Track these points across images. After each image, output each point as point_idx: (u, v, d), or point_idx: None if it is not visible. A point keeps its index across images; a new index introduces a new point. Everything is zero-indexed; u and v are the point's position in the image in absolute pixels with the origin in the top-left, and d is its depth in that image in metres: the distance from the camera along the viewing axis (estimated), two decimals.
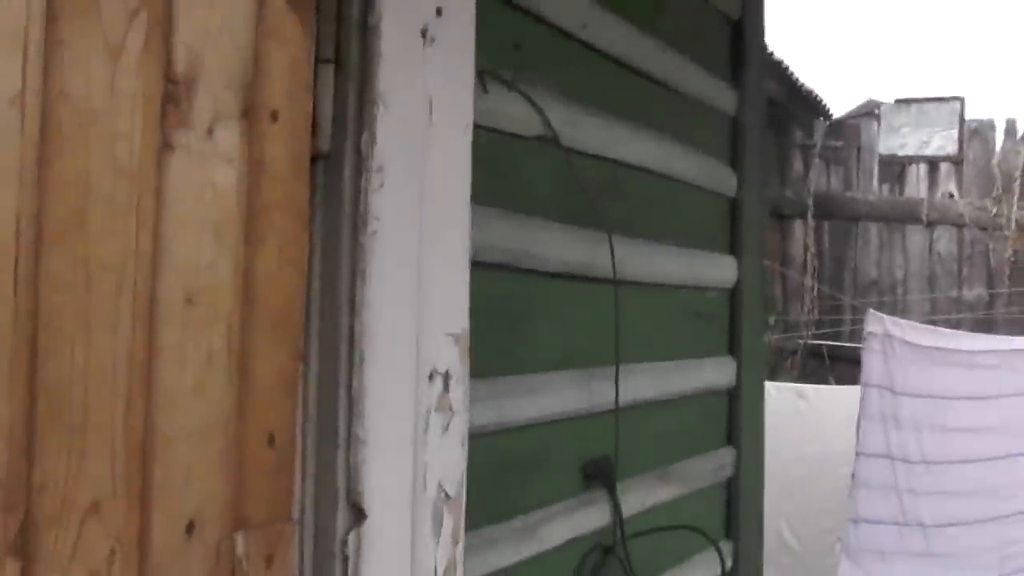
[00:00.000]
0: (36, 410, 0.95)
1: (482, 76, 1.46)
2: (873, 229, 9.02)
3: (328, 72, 1.20)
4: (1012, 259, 8.37)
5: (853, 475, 4.14)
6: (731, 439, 2.56)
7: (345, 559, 1.19)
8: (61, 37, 0.98)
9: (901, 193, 9.07)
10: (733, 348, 2.56)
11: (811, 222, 8.85)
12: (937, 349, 4.16)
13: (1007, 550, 4.17)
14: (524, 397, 1.65)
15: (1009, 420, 4.15)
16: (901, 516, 4.11)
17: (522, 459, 1.66)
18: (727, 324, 2.56)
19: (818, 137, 9.05)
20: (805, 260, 8.89)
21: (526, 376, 1.66)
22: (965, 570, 4.13)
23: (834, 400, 5.72)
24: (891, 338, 4.11)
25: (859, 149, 9.34)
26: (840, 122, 9.41)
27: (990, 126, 8.75)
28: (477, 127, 1.39)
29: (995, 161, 8.64)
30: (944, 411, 4.12)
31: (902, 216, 8.85)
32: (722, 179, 2.50)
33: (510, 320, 1.63)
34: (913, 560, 4.13)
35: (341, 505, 1.19)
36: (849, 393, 4.83)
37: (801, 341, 8.48)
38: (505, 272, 1.61)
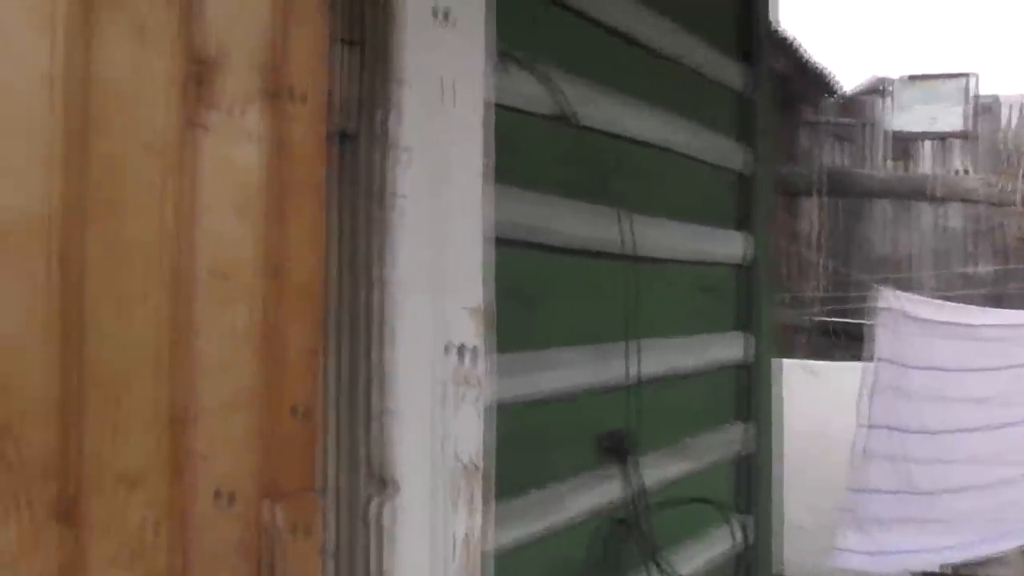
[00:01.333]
0: (79, 383, 0.99)
1: (498, 55, 1.48)
2: (882, 205, 9.01)
3: (349, 52, 1.22)
4: (1021, 235, 8.34)
5: (855, 446, 4.19)
6: (745, 414, 2.59)
7: (371, 527, 1.22)
8: (91, 20, 1.01)
9: (910, 169, 9.05)
10: (746, 323, 2.59)
11: (821, 199, 8.84)
12: (944, 323, 4.20)
13: (999, 514, 4.25)
14: (541, 372, 1.68)
15: (1009, 391, 4.22)
16: (901, 484, 4.17)
17: (539, 433, 1.69)
18: (739, 300, 2.58)
19: (827, 114, 9.03)
20: (814, 237, 8.89)
21: (543, 351, 1.69)
22: (957, 534, 4.22)
23: (843, 375, 5.73)
24: (899, 312, 4.14)
25: (868, 125, 9.32)
26: (849, 99, 9.38)
27: (999, 102, 8.71)
28: (492, 105, 1.41)
29: (1004, 137, 8.61)
30: (948, 383, 4.18)
31: (911, 192, 8.83)
32: (732, 155, 2.52)
33: (526, 296, 1.66)
34: (911, 526, 4.20)
35: (367, 475, 1.22)
36: (858, 368, 4.84)
37: (811, 318, 8.49)
38: (520, 249, 1.63)
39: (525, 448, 1.66)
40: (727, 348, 2.49)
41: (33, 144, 0.97)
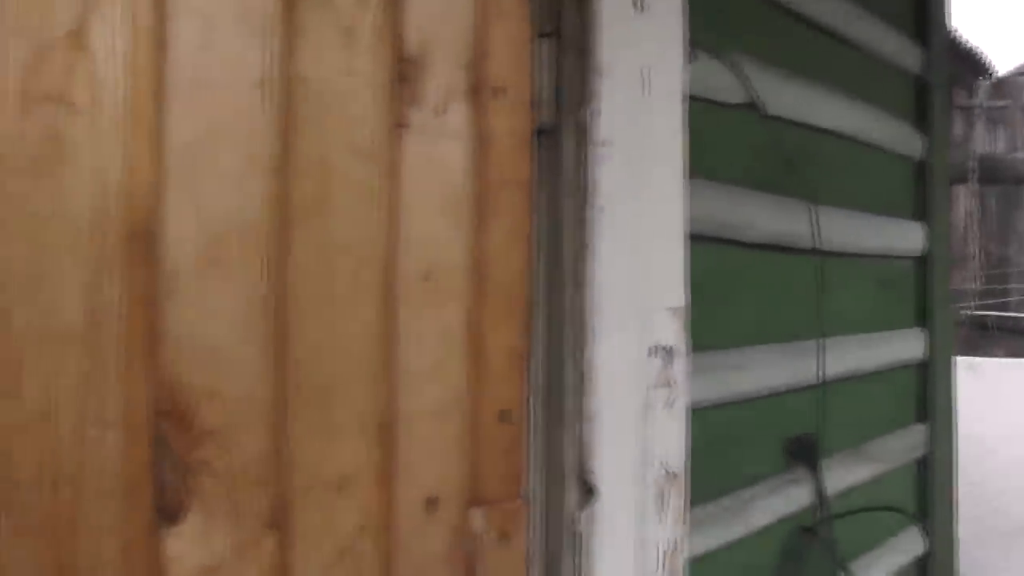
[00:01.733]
0: (288, 389, 0.98)
1: (689, 44, 1.41)
2: None
3: (547, 45, 1.18)
4: None
5: None
6: (923, 415, 2.45)
7: (573, 536, 1.18)
8: (299, 22, 1.00)
9: None
10: (923, 319, 2.44)
11: (974, 187, 8.40)
12: None
13: None
14: (730, 372, 1.61)
15: None
16: None
17: (729, 436, 1.62)
18: (917, 294, 2.44)
19: (981, 97, 8.58)
20: (967, 227, 8.47)
21: (732, 351, 1.62)
22: None
23: (1003, 373, 5.44)
24: None
25: None
26: (1004, 80, 8.88)
27: None
28: (688, 97, 1.35)
29: None
30: None
31: None
32: (910, 141, 2.38)
33: (714, 293, 1.59)
34: None
35: (569, 482, 1.18)
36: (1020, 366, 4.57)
37: (966, 311, 8.09)
38: (709, 244, 1.56)
39: (715, 452, 1.59)
40: (907, 345, 2.36)
41: (245, 148, 0.97)
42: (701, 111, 1.51)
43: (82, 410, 0.90)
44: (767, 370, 1.69)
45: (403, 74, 1.06)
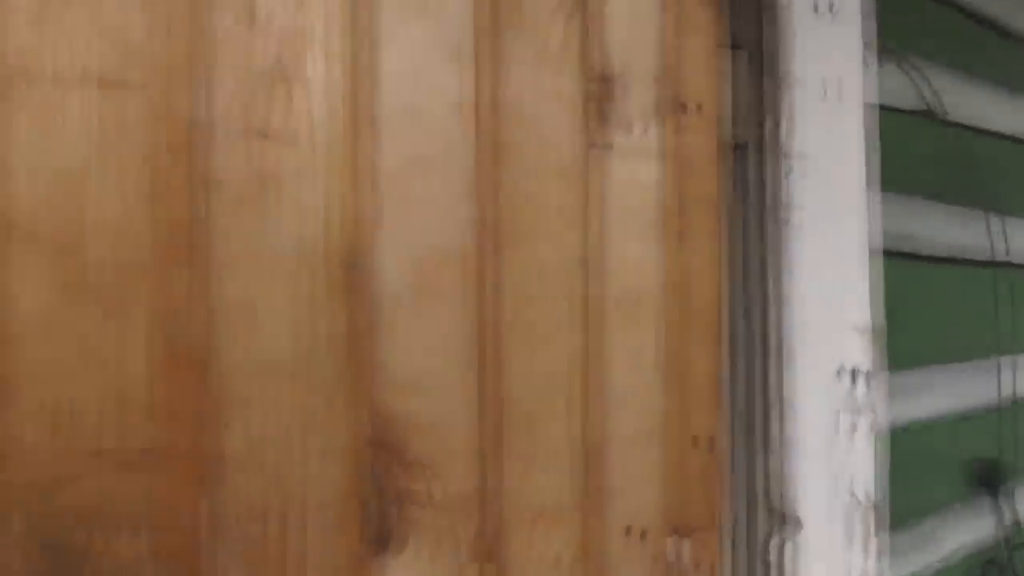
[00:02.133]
0: (496, 418, 0.97)
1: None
2: None
3: (736, 57, 1.15)
4: None
5: None
6: None
7: (771, 567, 1.14)
8: (498, 47, 0.99)
9: None
10: None
11: None
12: None
13: None
14: (909, 394, 1.53)
15: None
16: None
17: (911, 462, 1.55)
18: None
19: None
20: None
21: (913, 371, 1.55)
22: None
23: None
24: None
25: None
26: None
27: None
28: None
29: None
30: None
31: None
32: None
33: (896, 311, 1.52)
34: None
35: (766, 510, 1.14)
36: None
37: None
38: (887, 259, 1.50)
39: (895, 479, 1.51)
40: None
41: (452, 174, 0.96)
42: (881, 119, 1.45)
43: (299, 442, 0.90)
44: (948, 391, 1.61)
45: (600, 94, 1.04)
